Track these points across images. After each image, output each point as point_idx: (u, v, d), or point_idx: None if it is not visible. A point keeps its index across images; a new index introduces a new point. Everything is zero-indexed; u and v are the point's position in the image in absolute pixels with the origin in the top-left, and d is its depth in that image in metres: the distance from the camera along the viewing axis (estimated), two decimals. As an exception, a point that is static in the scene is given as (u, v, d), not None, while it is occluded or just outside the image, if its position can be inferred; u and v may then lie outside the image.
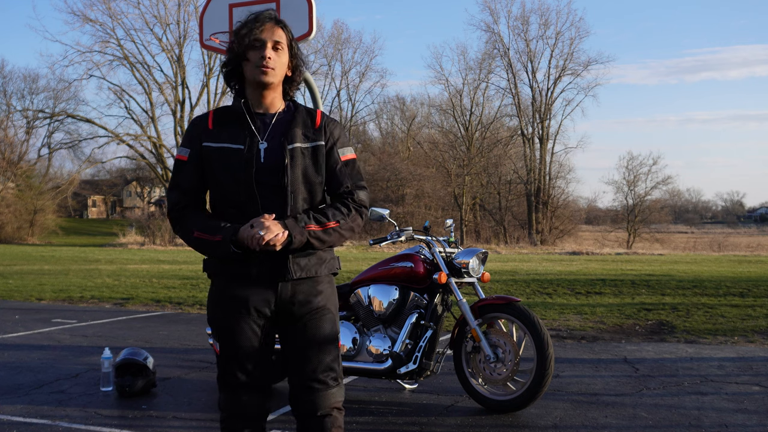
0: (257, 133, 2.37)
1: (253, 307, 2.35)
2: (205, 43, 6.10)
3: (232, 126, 2.38)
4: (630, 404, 4.42)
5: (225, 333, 2.38)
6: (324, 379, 2.38)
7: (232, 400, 2.39)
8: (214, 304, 2.43)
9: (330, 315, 2.43)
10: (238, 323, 2.35)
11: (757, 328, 7.40)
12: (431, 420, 4.12)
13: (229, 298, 2.37)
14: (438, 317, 4.41)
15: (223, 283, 2.40)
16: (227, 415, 2.41)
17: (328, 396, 2.38)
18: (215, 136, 2.37)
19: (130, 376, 4.63)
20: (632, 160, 44.38)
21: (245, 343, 2.36)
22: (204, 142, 2.38)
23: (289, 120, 2.41)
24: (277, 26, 2.38)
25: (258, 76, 2.34)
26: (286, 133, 2.37)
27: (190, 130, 2.44)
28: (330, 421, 2.38)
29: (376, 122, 50.41)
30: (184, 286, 12.43)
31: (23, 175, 44.62)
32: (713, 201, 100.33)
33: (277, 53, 2.36)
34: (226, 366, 2.39)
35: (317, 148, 2.40)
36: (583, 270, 15.68)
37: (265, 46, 2.34)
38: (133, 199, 68.19)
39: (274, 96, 2.42)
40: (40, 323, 8.12)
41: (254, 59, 2.34)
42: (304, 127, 2.40)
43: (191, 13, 39.31)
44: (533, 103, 42.27)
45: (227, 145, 2.35)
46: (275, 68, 2.35)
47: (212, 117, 2.42)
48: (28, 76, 59.14)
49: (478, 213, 42.98)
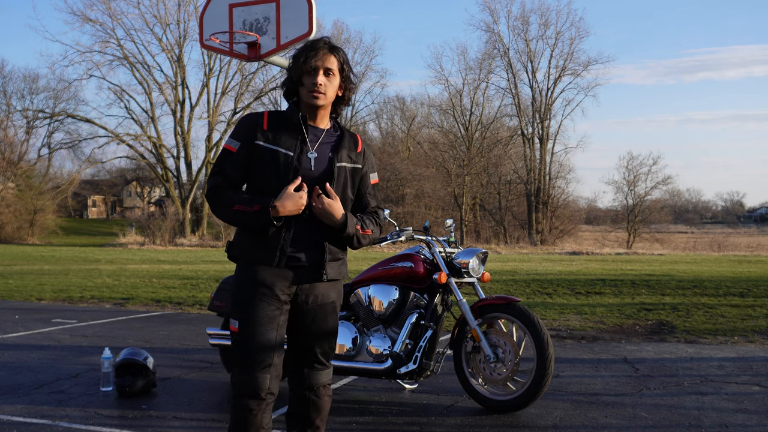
0: (308, 143, 2.63)
1: (278, 293, 2.60)
2: (205, 43, 6.09)
3: (286, 132, 2.62)
4: (630, 404, 4.42)
5: (246, 313, 2.59)
6: (323, 361, 2.78)
7: (246, 377, 2.59)
8: (240, 285, 2.64)
9: (335, 307, 2.77)
10: (261, 305, 2.58)
11: (757, 328, 7.40)
12: (431, 420, 4.12)
13: (254, 280, 2.60)
14: (438, 317, 4.41)
15: (252, 268, 2.62)
16: (238, 392, 2.60)
17: (324, 375, 2.79)
18: (268, 137, 2.60)
19: (130, 376, 4.63)
20: (632, 160, 44.44)
21: (264, 324, 2.58)
22: (257, 140, 2.60)
23: (338, 139, 2.71)
24: (330, 54, 2.63)
25: (310, 101, 2.61)
26: (335, 150, 2.67)
27: (243, 125, 2.65)
28: (324, 391, 2.78)
29: (376, 122, 50.40)
30: (184, 286, 12.43)
31: (23, 175, 44.61)
32: (713, 201, 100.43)
33: (328, 78, 2.62)
34: (242, 345, 2.59)
35: (356, 170, 2.74)
36: (583, 270, 15.68)
37: (318, 73, 2.59)
38: (133, 199, 68.20)
39: (324, 113, 2.69)
40: (40, 323, 8.11)
41: (308, 84, 2.61)
42: (349, 149, 2.72)
43: (191, 13, 39.36)
44: (533, 103, 42.28)
45: (279, 149, 2.59)
46: (326, 93, 2.62)
47: (267, 118, 2.64)
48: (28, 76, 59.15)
49: (478, 213, 42.97)
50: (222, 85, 41.59)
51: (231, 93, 41.73)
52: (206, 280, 13.35)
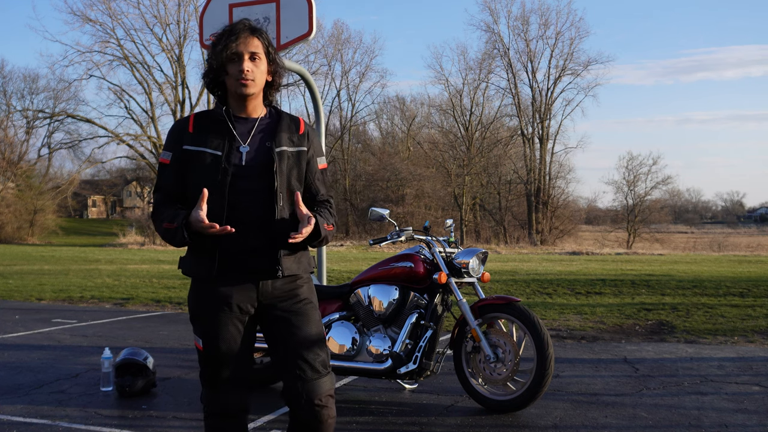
0: (238, 138, 2.41)
1: (236, 305, 2.40)
2: (205, 43, 6.10)
3: (212, 131, 2.41)
4: (630, 404, 4.42)
5: (207, 330, 2.42)
6: (315, 366, 2.40)
7: (215, 396, 2.46)
8: (195, 301, 2.46)
9: (312, 305, 2.49)
10: (221, 320, 2.40)
11: (757, 328, 7.40)
12: (431, 420, 4.12)
13: (211, 295, 2.40)
14: (438, 317, 4.41)
15: (201, 280, 2.44)
16: (209, 411, 2.49)
17: (321, 384, 2.39)
18: (195, 140, 2.41)
19: (130, 376, 4.63)
20: (632, 160, 44.32)
21: (228, 340, 2.40)
22: (184, 145, 2.41)
23: (274, 124, 2.47)
24: (252, 36, 2.41)
25: (239, 89, 2.39)
26: (272, 136, 2.43)
27: (171, 133, 2.47)
28: (326, 413, 2.39)
29: (376, 122, 50.36)
30: (184, 286, 12.43)
31: (23, 175, 44.61)
32: (713, 201, 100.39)
33: (254, 63, 2.40)
34: (208, 363, 2.45)
35: (301, 153, 2.48)
36: (583, 270, 15.68)
37: (243, 59, 2.38)
38: (133, 199, 68.17)
39: (255, 103, 2.47)
40: (40, 323, 8.11)
41: (233, 72, 2.38)
42: (289, 131, 2.47)
43: (191, 13, 39.34)
44: (533, 103, 42.28)
45: (206, 149, 2.39)
46: (254, 79, 2.40)
47: (193, 121, 2.46)
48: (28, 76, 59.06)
49: (478, 213, 42.98)
50: (222, 85, 41.56)
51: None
52: (206, 280, 13.33)
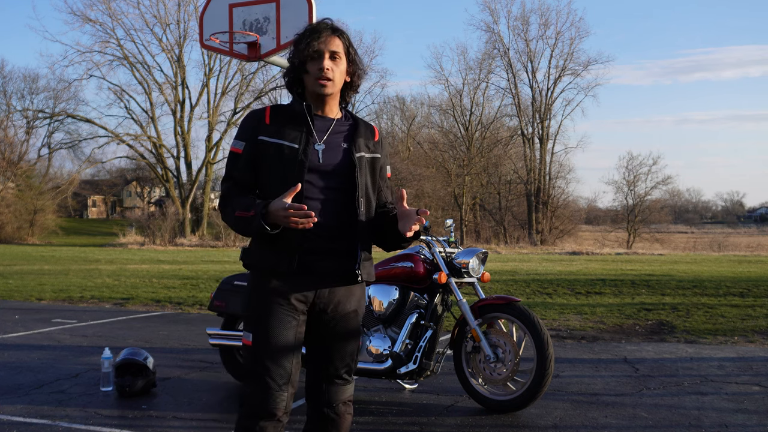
0: (315, 134, 2.40)
1: (293, 302, 2.37)
2: (205, 43, 6.09)
3: (289, 124, 2.40)
4: (630, 404, 4.42)
5: (263, 324, 2.36)
6: (344, 376, 2.48)
7: (260, 395, 2.34)
8: (253, 294, 2.41)
9: (357, 317, 2.50)
10: (278, 315, 2.35)
11: (757, 328, 7.40)
12: (431, 420, 4.12)
13: (270, 290, 2.37)
14: (438, 317, 4.41)
15: (265, 274, 2.39)
16: (250, 411, 2.35)
17: (345, 390, 2.49)
18: (272, 131, 2.39)
19: (130, 376, 4.63)
20: (632, 160, 44.40)
21: (282, 335, 2.35)
22: (260, 136, 2.39)
23: (352, 129, 2.47)
24: (333, 35, 2.40)
25: (318, 89, 2.39)
26: (350, 140, 2.44)
27: (246, 122, 2.45)
28: (344, 408, 2.48)
29: (376, 122, 50.33)
30: (184, 286, 12.43)
31: (23, 175, 44.60)
32: (713, 201, 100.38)
33: (334, 62, 2.40)
34: (258, 358, 2.35)
35: (376, 160, 2.49)
36: (583, 270, 15.68)
37: (323, 57, 2.37)
38: (133, 199, 68.19)
39: (333, 103, 2.47)
40: (40, 323, 8.11)
41: (313, 71, 2.38)
42: (365, 138, 2.48)
43: (191, 13, 39.35)
44: (533, 103, 42.28)
45: (283, 142, 2.37)
46: (333, 79, 2.39)
47: (270, 112, 2.44)
48: (28, 76, 59.11)
49: (478, 213, 42.97)
50: (222, 85, 41.63)
51: (231, 93, 41.74)
52: (206, 280, 13.34)
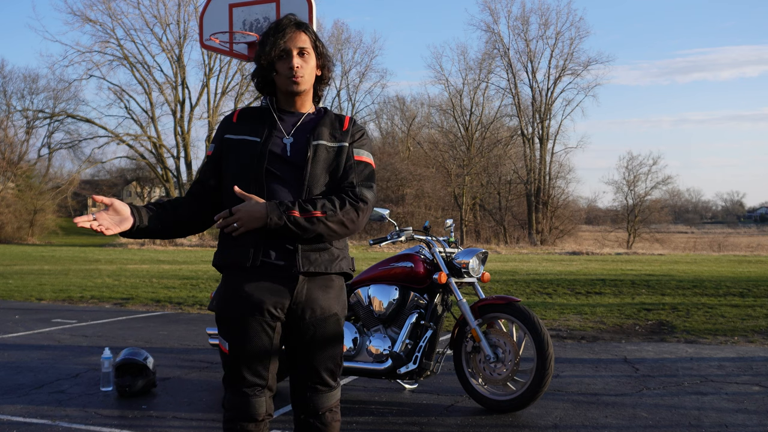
0: (283, 130, 2.38)
1: (267, 309, 2.30)
2: (205, 43, 6.09)
3: (255, 121, 2.41)
4: (630, 404, 4.42)
5: (236, 333, 2.32)
6: (328, 381, 2.41)
7: (239, 401, 2.33)
8: (225, 302, 2.35)
9: (337, 319, 2.42)
10: (251, 324, 2.30)
11: (757, 328, 7.40)
12: (431, 420, 4.12)
13: (243, 297, 2.30)
14: (438, 317, 4.41)
15: (236, 280, 2.33)
16: (232, 415, 2.35)
17: (330, 397, 2.42)
18: (237, 129, 2.40)
19: (130, 376, 4.63)
20: (632, 160, 44.56)
21: (257, 344, 2.31)
22: (226, 135, 2.41)
23: (317, 120, 2.43)
24: (299, 31, 2.38)
25: (290, 87, 2.36)
26: (313, 129, 2.38)
27: (218, 127, 2.48)
28: (330, 416, 2.42)
29: (376, 122, 50.33)
30: (184, 286, 12.43)
31: (23, 175, 44.60)
32: (713, 201, 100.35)
33: (303, 59, 2.36)
34: (234, 367, 2.33)
35: (342, 149, 2.39)
36: (583, 270, 15.68)
37: (292, 56, 2.34)
38: (133, 199, 68.12)
39: (305, 98, 2.44)
40: (40, 323, 8.11)
41: (283, 70, 2.35)
42: (331, 127, 2.42)
43: (191, 13, 39.36)
44: (533, 103, 42.27)
45: (246, 137, 2.37)
46: (305, 75, 2.36)
47: (238, 113, 2.46)
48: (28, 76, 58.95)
49: (478, 213, 42.96)
50: (222, 85, 41.62)
51: (231, 93, 41.74)
52: (206, 280, 13.35)
